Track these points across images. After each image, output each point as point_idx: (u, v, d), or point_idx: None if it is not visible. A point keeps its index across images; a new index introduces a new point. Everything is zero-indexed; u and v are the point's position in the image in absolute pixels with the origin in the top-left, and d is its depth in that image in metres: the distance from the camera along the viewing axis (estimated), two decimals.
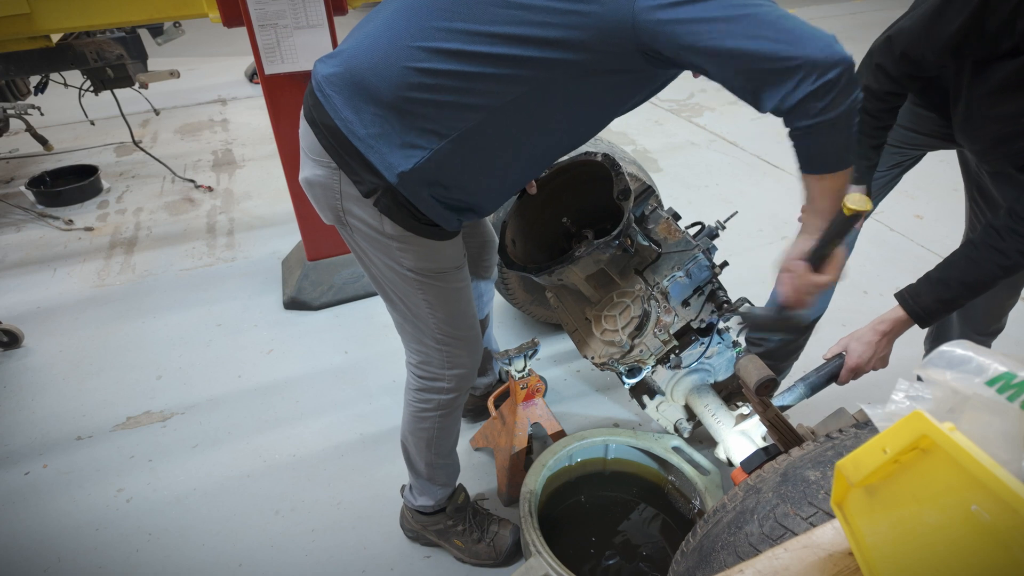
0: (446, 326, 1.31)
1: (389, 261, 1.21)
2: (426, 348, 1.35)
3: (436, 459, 1.53)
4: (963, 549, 0.47)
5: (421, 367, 1.39)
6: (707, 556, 0.96)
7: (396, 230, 1.14)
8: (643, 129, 4.24)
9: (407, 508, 1.66)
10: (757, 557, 0.66)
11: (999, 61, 1.15)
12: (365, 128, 1.06)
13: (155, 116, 4.46)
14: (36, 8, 2.16)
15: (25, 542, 1.74)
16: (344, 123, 1.07)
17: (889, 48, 1.30)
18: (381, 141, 1.05)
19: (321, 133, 1.11)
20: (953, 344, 0.62)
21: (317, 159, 1.15)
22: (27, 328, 2.49)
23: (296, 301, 2.61)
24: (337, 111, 1.07)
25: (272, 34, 1.99)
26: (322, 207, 1.22)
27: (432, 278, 1.23)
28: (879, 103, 1.38)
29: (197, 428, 2.09)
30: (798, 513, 0.87)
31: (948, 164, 1.70)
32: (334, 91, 1.08)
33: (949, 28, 1.15)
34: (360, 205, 1.14)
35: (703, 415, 1.70)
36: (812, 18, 6.68)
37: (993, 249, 1.29)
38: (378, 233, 1.16)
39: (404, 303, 1.29)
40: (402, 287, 1.25)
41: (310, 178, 1.18)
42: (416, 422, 1.46)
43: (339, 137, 1.08)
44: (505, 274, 2.14)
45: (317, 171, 1.16)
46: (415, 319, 1.31)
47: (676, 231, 1.64)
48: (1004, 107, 1.20)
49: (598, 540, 1.70)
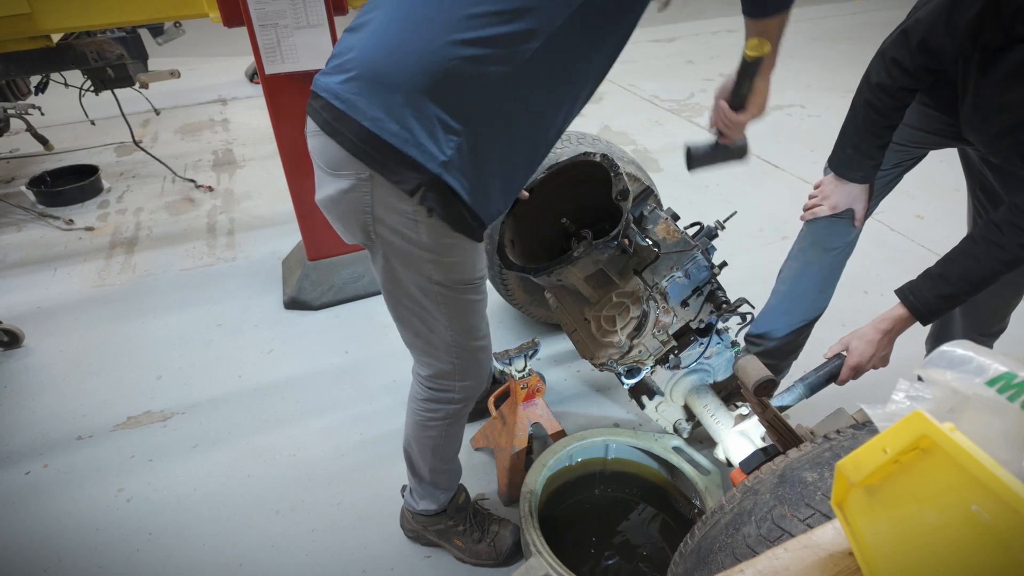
0: (463, 339, 1.28)
1: (417, 277, 1.18)
2: (438, 362, 1.33)
3: (440, 464, 1.52)
4: (963, 549, 0.47)
5: (431, 379, 1.37)
6: (705, 558, 0.96)
7: (432, 237, 1.10)
8: (643, 129, 4.25)
9: (407, 510, 1.66)
10: (757, 557, 0.66)
11: (1010, 48, 1.15)
12: (397, 123, 1.02)
13: (155, 116, 4.46)
14: (37, 8, 2.17)
15: (25, 542, 1.75)
16: (374, 123, 1.03)
17: (905, 41, 1.30)
18: (416, 133, 1.02)
19: (348, 141, 1.05)
20: (953, 344, 0.62)
21: (341, 173, 1.09)
22: (27, 328, 2.49)
23: (296, 301, 2.62)
24: (363, 113, 1.03)
25: (272, 34, 1.99)
26: (348, 224, 1.17)
27: (458, 291, 1.20)
28: (891, 100, 1.37)
29: (197, 428, 2.09)
30: (795, 515, 0.87)
31: (948, 164, 1.70)
32: (355, 95, 1.04)
33: (968, 14, 1.16)
34: (394, 215, 1.09)
35: (702, 415, 1.70)
36: (812, 18, 6.68)
37: (993, 244, 1.29)
38: (411, 244, 1.12)
39: (421, 319, 1.26)
40: (424, 303, 1.22)
41: (334, 195, 1.13)
42: (421, 430, 1.45)
43: (372, 139, 1.03)
44: (505, 275, 2.14)
45: (342, 185, 1.10)
46: (430, 334, 1.28)
47: (675, 231, 1.64)
48: (1012, 95, 1.20)
49: (598, 540, 1.70)
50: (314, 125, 1.12)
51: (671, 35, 6.36)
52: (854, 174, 1.52)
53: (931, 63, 1.28)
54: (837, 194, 1.56)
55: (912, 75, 1.32)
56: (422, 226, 1.09)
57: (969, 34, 1.18)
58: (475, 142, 1.04)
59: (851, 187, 1.54)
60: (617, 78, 5.22)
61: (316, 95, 1.11)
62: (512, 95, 1.03)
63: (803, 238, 1.72)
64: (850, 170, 1.52)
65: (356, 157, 1.06)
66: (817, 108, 4.41)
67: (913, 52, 1.29)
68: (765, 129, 4.14)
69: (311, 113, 1.13)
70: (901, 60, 1.31)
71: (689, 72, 5.32)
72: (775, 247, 2.92)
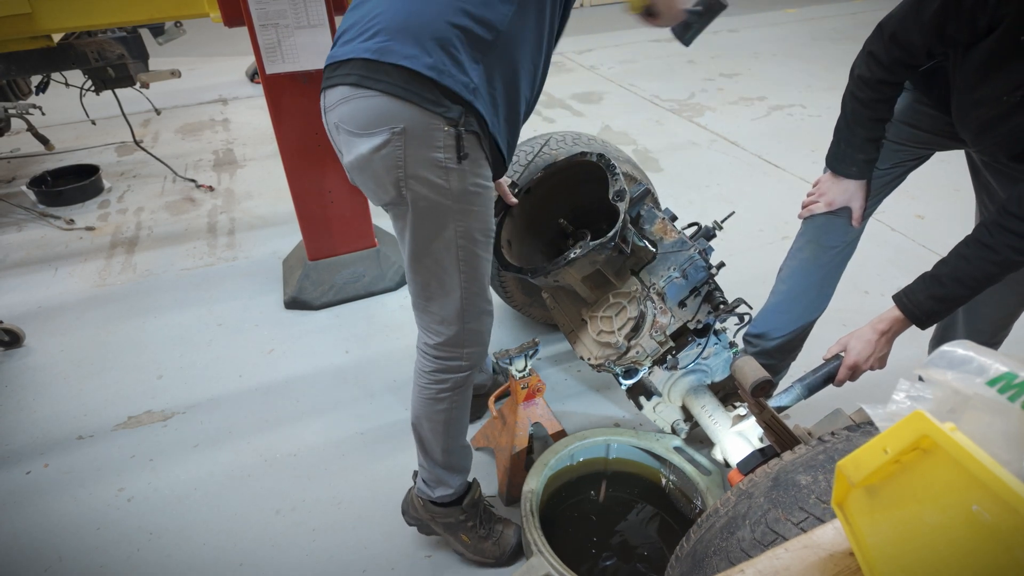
0: (476, 299, 1.34)
1: (442, 231, 1.24)
2: (447, 328, 1.37)
3: (452, 442, 1.53)
4: (964, 549, 0.47)
5: (439, 348, 1.40)
6: (700, 561, 0.96)
7: (462, 184, 1.18)
8: (644, 129, 4.24)
9: (418, 497, 1.62)
10: (758, 557, 0.66)
11: (979, 43, 1.17)
12: (431, 56, 1.09)
13: (156, 116, 4.46)
14: (37, 8, 2.17)
15: (26, 541, 1.75)
16: (411, 60, 1.09)
17: (879, 34, 1.32)
18: (447, 65, 1.10)
19: (387, 85, 1.11)
20: (954, 344, 0.62)
21: (375, 131, 1.14)
22: (28, 328, 2.49)
23: (297, 301, 2.62)
24: (398, 53, 1.10)
25: (273, 34, 2.00)
26: (381, 181, 1.20)
27: (476, 244, 1.28)
28: (872, 92, 1.38)
29: (198, 427, 2.09)
30: (789, 518, 0.87)
31: (949, 164, 1.70)
32: (386, 42, 1.11)
33: (932, 6, 1.18)
34: (426, 167, 1.16)
35: (700, 416, 1.70)
36: (813, 18, 6.68)
37: (982, 245, 1.29)
38: (441, 195, 1.18)
39: (439, 281, 1.31)
40: (444, 262, 1.28)
41: (365, 153, 1.17)
42: (431, 404, 1.47)
43: (411, 77, 1.10)
44: (503, 276, 2.14)
45: (375, 141, 1.15)
46: (445, 296, 1.33)
47: (672, 232, 1.64)
48: (984, 89, 1.21)
49: (599, 540, 1.70)
50: (340, 92, 1.17)
51: (672, 35, 6.36)
52: (848, 169, 1.52)
53: (904, 57, 1.30)
54: (833, 191, 1.56)
55: (887, 68, 1.33)
56: (453, 173, 1.16)
57: (935, 27, 1.20)
58: (490, 72, 1.14)
59: (847, 184, 1.54)
60: (617, 78, 5.22)
61: (340, 62, 1.17)
62: (512, 26, 1.14)
63: (801, 236, 1.71)
64: (844, 165, 1.52)
65: (397, 98, 1.11)
66: (818, 108, 4.41)
67: (886, 45, 1.31)
68: (766, 129, 4.14)
69: (335, 80, 1.18)
70: (876, 53, 1.33)
71: (690, 72, 5.32)
72: (776, 247, 2.92)
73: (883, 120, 1.44)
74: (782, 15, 6.89)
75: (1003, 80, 1.17)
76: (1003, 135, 1.27)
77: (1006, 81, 1.17)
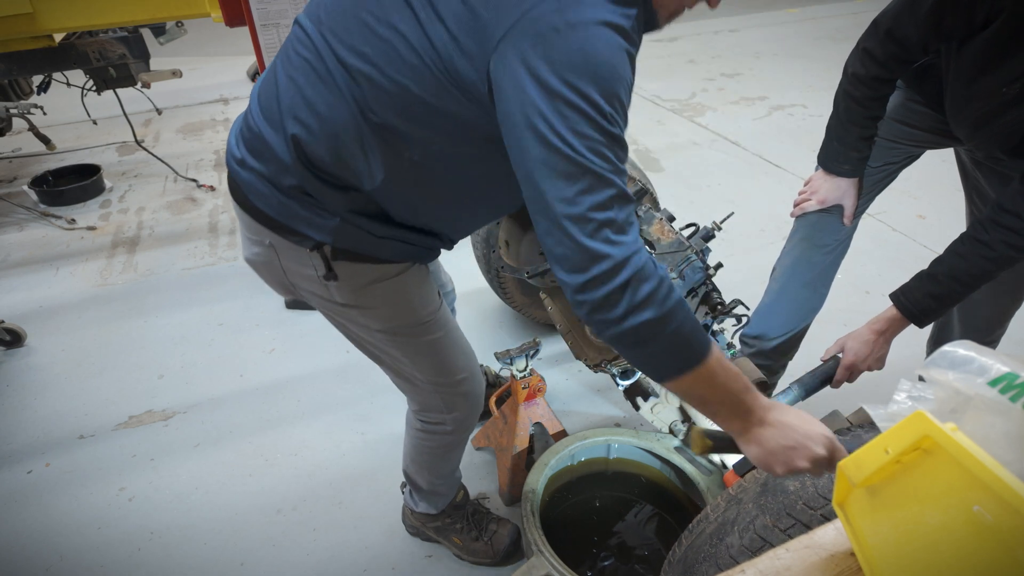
0: (437, 377, 1.24)
1: (355, 327, 1.16)
2: (422, 396, 1.30)
3: (437, 480, 1.53)
4: (965, 550, 0.47)
5: (421, 413, 1.36)
6: (691, 568, 0.95)
7: (346, 295, 1.07)
8: (645, 129, 4.24)
9: (405, 507, 1.67)
10: (759, 557, 0.66)
11: (974, 36, 1.16)
12: (283, 195, 1.00)
13: (157, 115, 4.46)
14: (39, 8, 2.17)
15: (27, 540, 1.75)
16: (260, 199, 1.00)
17: (874, 31, 1.31)
18: (298, 209, 1.00)
19: (251, 205, 1.02)
20: (955, 344, 0.62)
21: (254, 237, 1.08)
22: (29, 327, 2.49)
23: (298, 301, 2.60)
24: (252, 188, 1.02)
25: (274, 34, 2.00)
26: (272, 284, 1.17)
27: (407, 335, 1.15)
28: (867, 89, 1.38)
29: (199, 427, 2.09)
30: (777, 525, 0.87)
31: (951, 164, 1.70)
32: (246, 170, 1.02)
33: (928, 1, 1.17)
34: (304, 279, 1.08)
35: (697, 417, 1.69)
36: (813, 18, 6.67)
37: (977, 242, 1.29)
38: (332, 303, 1.10)
39: (387, 364, 1.25)
40: (381, 348, 1.20)
41: (250, 257, 1.13)
42: (418, 452, 1.46)
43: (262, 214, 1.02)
44: (502, 277, 2.14)
45: (255, 249, 1.10)
46: (405, 381, 1.28)
47: (670, 232, 1.64)
48: (981, 82, 1.20)
49: (599, 540, 1.70)
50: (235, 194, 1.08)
51: (672, 35, 6.35)
52: (840, 167, 1.52)
53: (900, 52, 1.29)
54: (825, 188, 1.56)
55: (883, 65, 1.32)
56: (331, 287, 1.06)
57: (931, 22, 1.19)
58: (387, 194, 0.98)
59: (839, 181, 1.54)
60: None
61: (229, 149, 1.08)
62: None
63: (794, 235, 1.71)
64: (836, 163, 1.52)
65: (257, 222, 1.03)
66: (819, 108, 4.40)
67: (882, 41, 1.30)
68: (767, 129, 4.14)
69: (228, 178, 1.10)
70: (872, 50, 1.32)
71: (691, 72, 5.31)
72: (776, 247, 2.89)
73: (876, 118, 1.43)
74: (783, 15, 6.88)
75: (1003, 72, 1.17)
76: (1000, 128, 1.26)
77: (1007, 72, 1.16)
